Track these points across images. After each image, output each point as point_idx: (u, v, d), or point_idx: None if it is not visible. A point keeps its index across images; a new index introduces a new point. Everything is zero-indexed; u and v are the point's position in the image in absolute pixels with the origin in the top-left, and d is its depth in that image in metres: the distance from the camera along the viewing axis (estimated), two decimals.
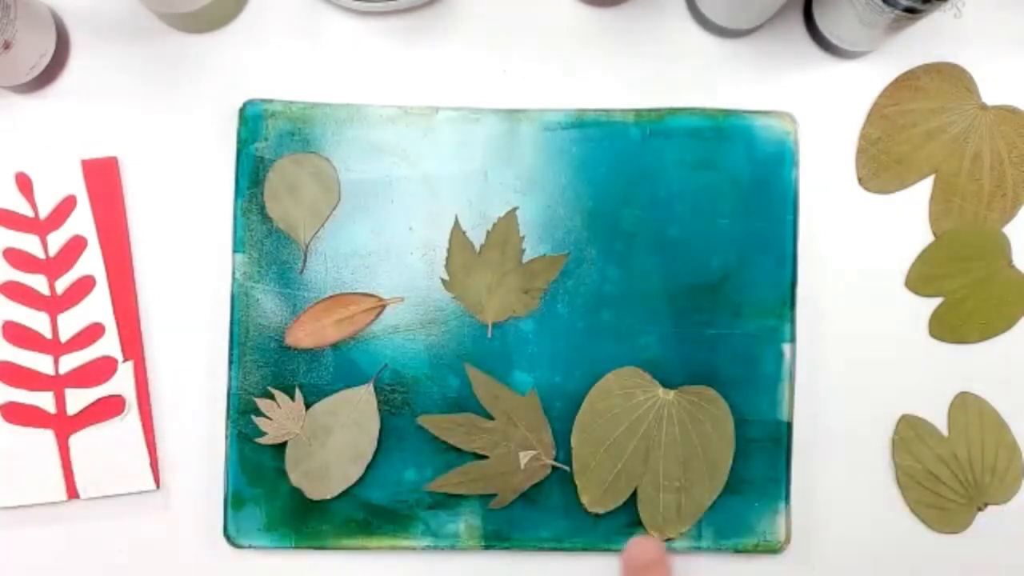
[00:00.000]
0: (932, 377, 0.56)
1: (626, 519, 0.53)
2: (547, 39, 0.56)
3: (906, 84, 0.56)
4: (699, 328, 0.54)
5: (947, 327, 0.56)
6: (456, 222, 0.54)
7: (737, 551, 0.54)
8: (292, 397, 0.53)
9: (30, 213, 0.54)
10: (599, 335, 0.54)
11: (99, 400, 0.53)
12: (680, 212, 0.54)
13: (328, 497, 0.53)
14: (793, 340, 0.54)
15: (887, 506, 0.55)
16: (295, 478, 0.53)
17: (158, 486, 0.54)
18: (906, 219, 0.56)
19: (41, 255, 0.54)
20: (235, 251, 0.54)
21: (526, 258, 0.54)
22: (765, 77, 0.57)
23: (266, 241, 0.54)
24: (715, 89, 0.56)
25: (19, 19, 0.50)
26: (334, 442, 0.53)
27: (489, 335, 0.54)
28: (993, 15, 0.57)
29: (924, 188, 0.56)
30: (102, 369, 0.54)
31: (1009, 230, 0.56)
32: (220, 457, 0.53)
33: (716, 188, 0.54)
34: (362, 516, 0.53)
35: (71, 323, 0.54)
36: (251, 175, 0.54)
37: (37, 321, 0.54)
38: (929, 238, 0.56)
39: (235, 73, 0.56)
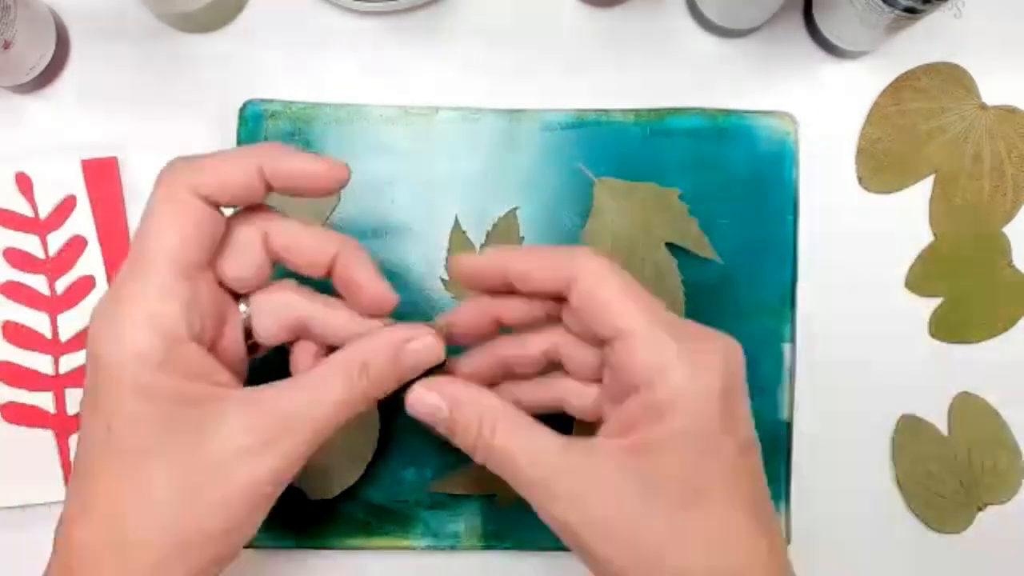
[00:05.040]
0: (932, 377, 0.56)
1: None
2: (547, 39, 0.56)
3: (906, 84, 0.56)
4: None
5: (947, 327, 0.56)
6: (456, 222, 0.54)
7: None
8: None
9: (30, 213, 0.54)
10: None
11: None
12: None
13: (328, 497, 0.53)
14: (793, 340, 0.54)
15: (887, 506, 0.55)
16: (295, 478, 0.53)
17: None
18: (906, 219, 0.56)
19: (41, 255, 0.54)
20: None
21: None
22: (765, 77, 0.57)
23: None
24: (715, 89, 0.56)
25: (19, 19, 0.50)
26: (334, 442, 0.53)
27: None
28: (993, 15, 0.57)
29: (924, 188, 0.56)
30: None
31: (1009, 230, 0.56)
32: None
33: (716, 188, 0.54)
34: (362, 516, 0.53)
35: (71, 323, 0.53)
36: None
37: (37, 321, 0.53)
38: (929, 238, 0.56)
39: (235, 73, 0.55)
